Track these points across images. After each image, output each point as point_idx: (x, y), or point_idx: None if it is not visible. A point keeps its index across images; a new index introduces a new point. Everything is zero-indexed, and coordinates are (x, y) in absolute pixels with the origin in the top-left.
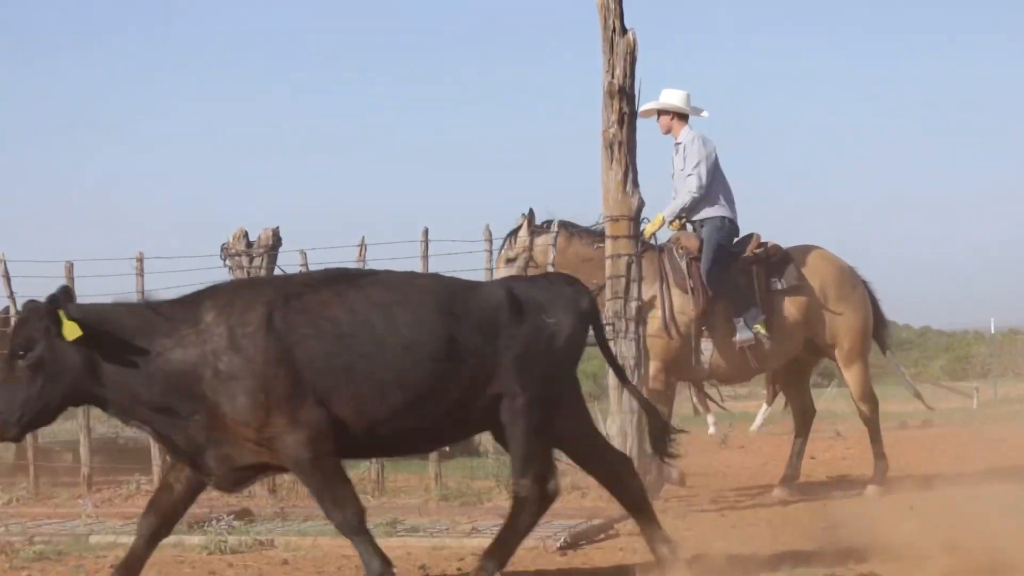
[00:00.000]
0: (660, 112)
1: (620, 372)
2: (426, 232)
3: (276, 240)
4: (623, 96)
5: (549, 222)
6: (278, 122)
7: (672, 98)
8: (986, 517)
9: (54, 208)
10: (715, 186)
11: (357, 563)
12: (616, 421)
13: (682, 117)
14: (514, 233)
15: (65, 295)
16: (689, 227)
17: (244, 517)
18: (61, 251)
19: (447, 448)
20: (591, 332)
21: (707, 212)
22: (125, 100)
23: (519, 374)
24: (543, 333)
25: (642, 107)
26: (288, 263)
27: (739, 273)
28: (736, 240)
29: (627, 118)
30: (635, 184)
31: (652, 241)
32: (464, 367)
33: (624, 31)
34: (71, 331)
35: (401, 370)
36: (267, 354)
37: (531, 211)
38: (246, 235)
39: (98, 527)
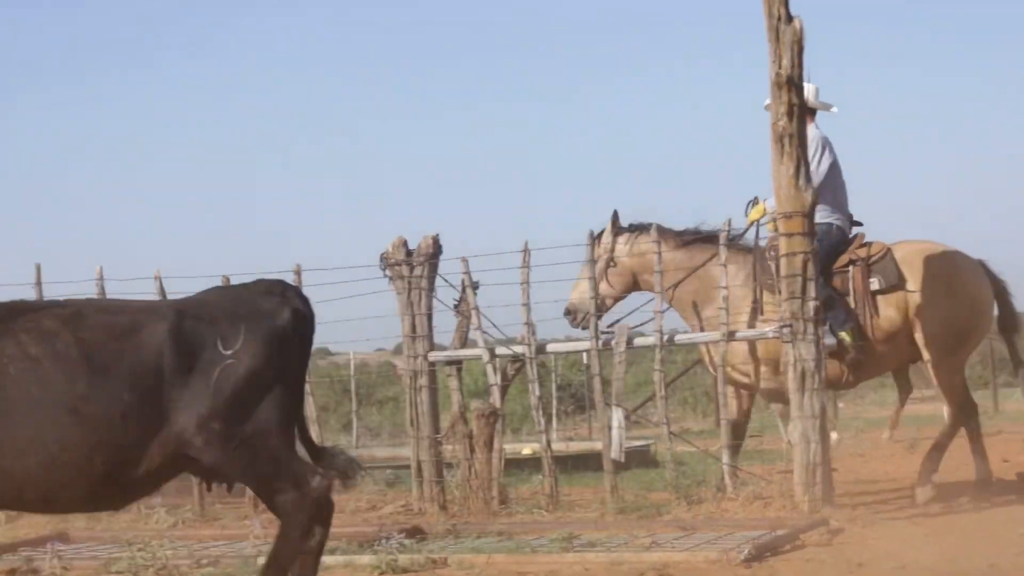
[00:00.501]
0: None
1: None
2: (592, 234)
3: (436, 248)
4: (791, 87)
5: (641, 225)
6: (431, 129)
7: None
8: None
9: (209, 223)
10: (827, 192)
11: None
12: (798, 427)
13: (810, 112)
14: (599, 236)
15: None
16: None
17: (415, 535)
18: (215, 267)
19: (622, 459)
20: None
21: (816, 218)
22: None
23: (203, 421)
24: (219, 372)
25: (768, 101)
26: (449, 271)
27: (834, 276)
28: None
29: (796, 110)
30: (808, 179)
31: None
32: (117, 427)
33: (790, 19)
34: None
35: (36, 430)
36: None
37: (615, 213)
38: (405, 244)
39: (266, 548)
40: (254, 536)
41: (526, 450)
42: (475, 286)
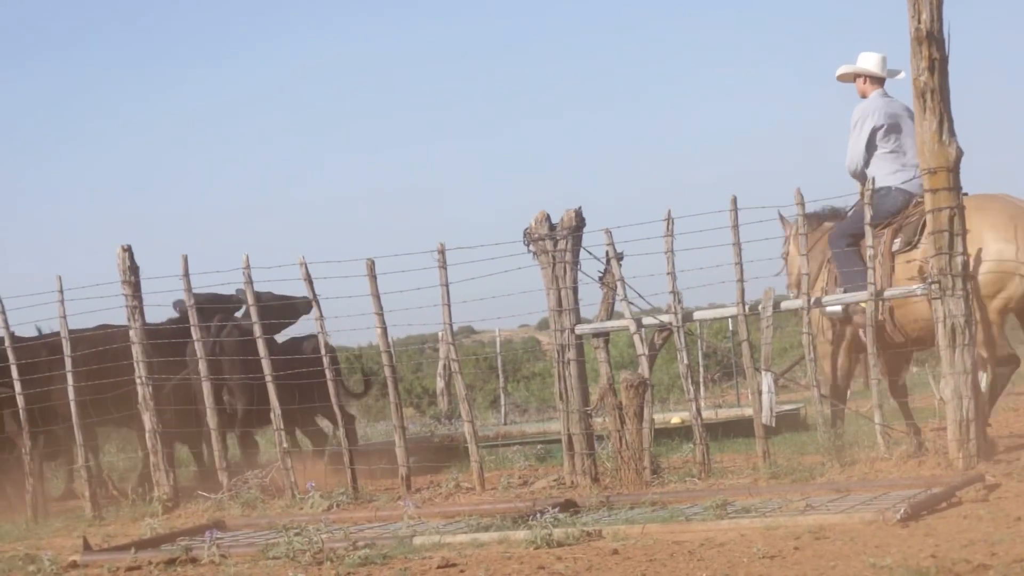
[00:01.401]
0: (856, 76)
1: None
2: (735, 200)
3: (580, 221)
4: (932, 41)
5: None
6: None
7: (867, 62)
8: None
9: (355, 205)
10: (883, 157)
11: (690, 549)
12: (950, 383)
13: (876, 81)
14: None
15: None
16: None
17: (568, 508)
18: (361, 250)
19: (772, 424)
20: None
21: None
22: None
23: None
24: None
25: (838, 71)
26: (593, 243)
27: (866, 238)
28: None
29: (938, 64)
30: (951, 133)
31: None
32: None
33: None
34: None
35: None
36: None
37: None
38: (548, 218)
39: (421, 528)
40: (408, 516)
41: (675, 419)
42: (619, 257)
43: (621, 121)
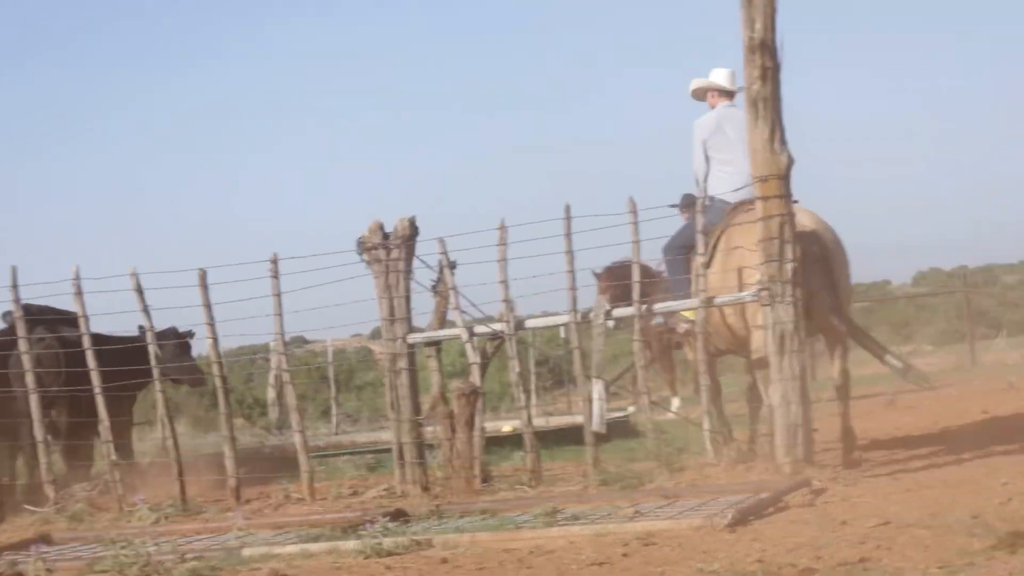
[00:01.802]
0: (707, 90)
1: None
2: (568, 209)
3: (413, 230)
4: (765, 50)
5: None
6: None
7: (716, 76)
8: None
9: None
10: (715, 166)
11: (520, 556)
12: (778, 389)
13: (726, 94)
14: None
15: None
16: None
17: (398, 518)
18: (192, 259)
19: (603, 431)
20: None
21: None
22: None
23: None
24: None
25: (691, 85)
26: (426, 252)
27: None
28: None
29: (771, 73)
30: (783, 142)
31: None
32: None
33: None
34: None
35: None
36: None
37: None
38: (382, 227)
39: (250, 539)
40: (237, 528)
41: (506, 427)
42: (452, 266)
43: (461, 132)
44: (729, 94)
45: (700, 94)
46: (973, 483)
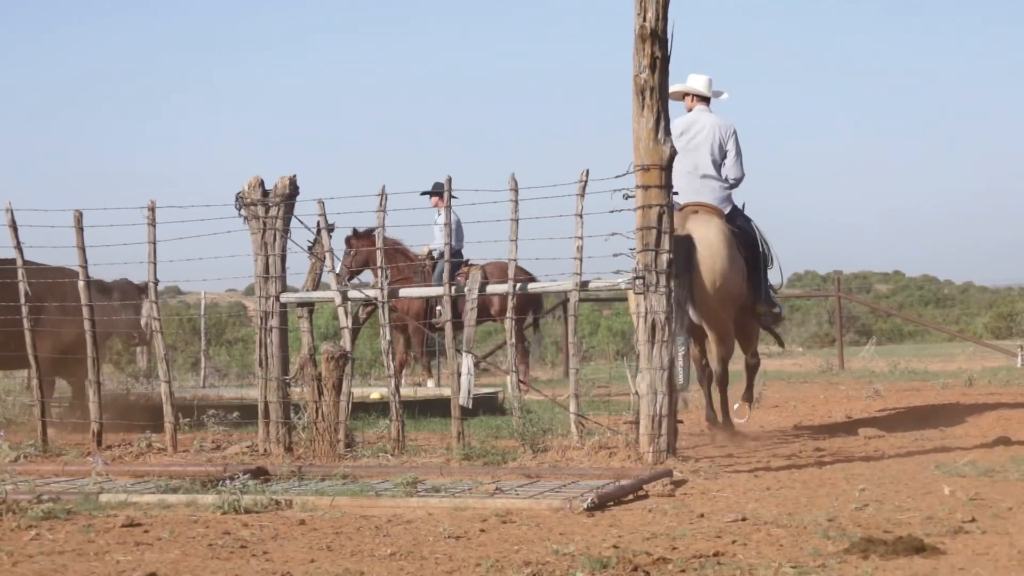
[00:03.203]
0: (684, 95)
1: None
2: (449, 180)
3: (293, 189)
4: (655, 40)
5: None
6: (291, 69)
7: (694, 82)
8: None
9: (65, 156)
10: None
11: (377, 524)
12: (646, 378)
13: (703, 99)
14: None
15: None
16: None
17: (260, 476)
18: (71, 200)
19: (469, 406)
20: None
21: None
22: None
23: None
24: None
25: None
26: (305, 212)
27: None
28: None
29: (659, 63)
30: (667, 132)
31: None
32: None
33: None
34: None
35: None
36: None
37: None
38: (262, 184)
39: (109, 485)
40: (96, 473)
41: (374, 394)
42: (331, 229)
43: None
44: (706, 99)
45: (678, 96)
46: (832, 486)
